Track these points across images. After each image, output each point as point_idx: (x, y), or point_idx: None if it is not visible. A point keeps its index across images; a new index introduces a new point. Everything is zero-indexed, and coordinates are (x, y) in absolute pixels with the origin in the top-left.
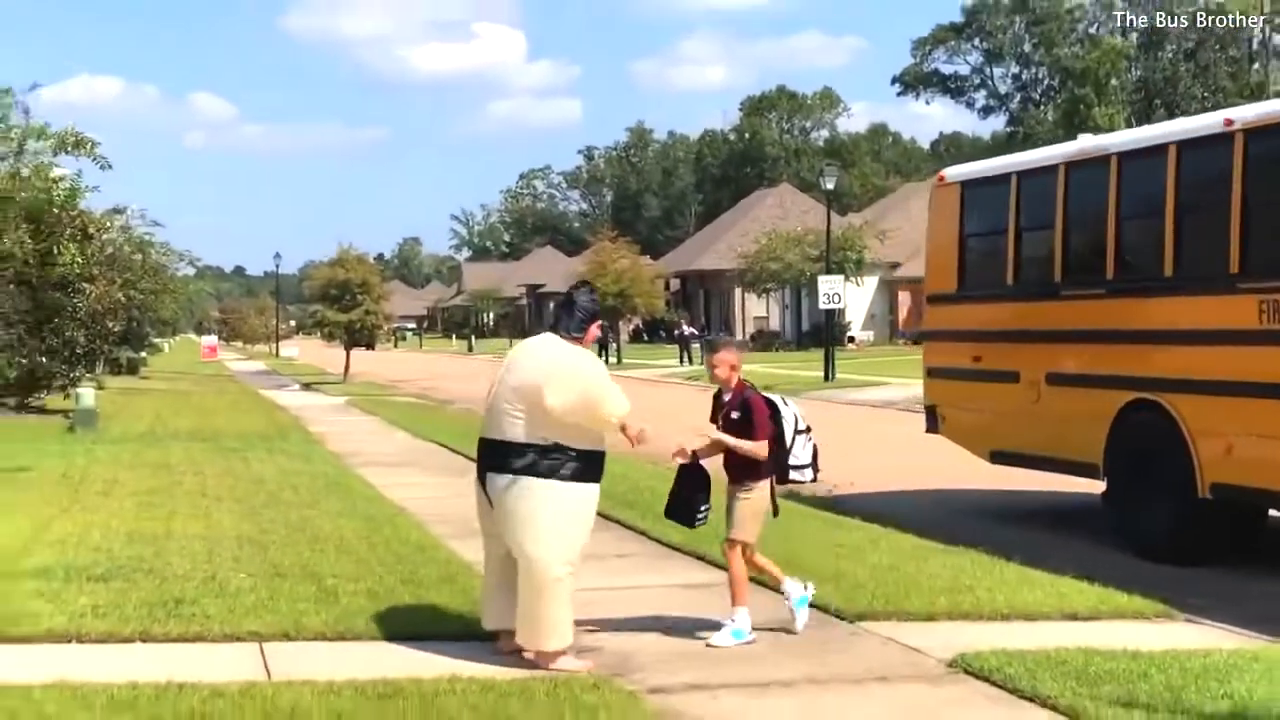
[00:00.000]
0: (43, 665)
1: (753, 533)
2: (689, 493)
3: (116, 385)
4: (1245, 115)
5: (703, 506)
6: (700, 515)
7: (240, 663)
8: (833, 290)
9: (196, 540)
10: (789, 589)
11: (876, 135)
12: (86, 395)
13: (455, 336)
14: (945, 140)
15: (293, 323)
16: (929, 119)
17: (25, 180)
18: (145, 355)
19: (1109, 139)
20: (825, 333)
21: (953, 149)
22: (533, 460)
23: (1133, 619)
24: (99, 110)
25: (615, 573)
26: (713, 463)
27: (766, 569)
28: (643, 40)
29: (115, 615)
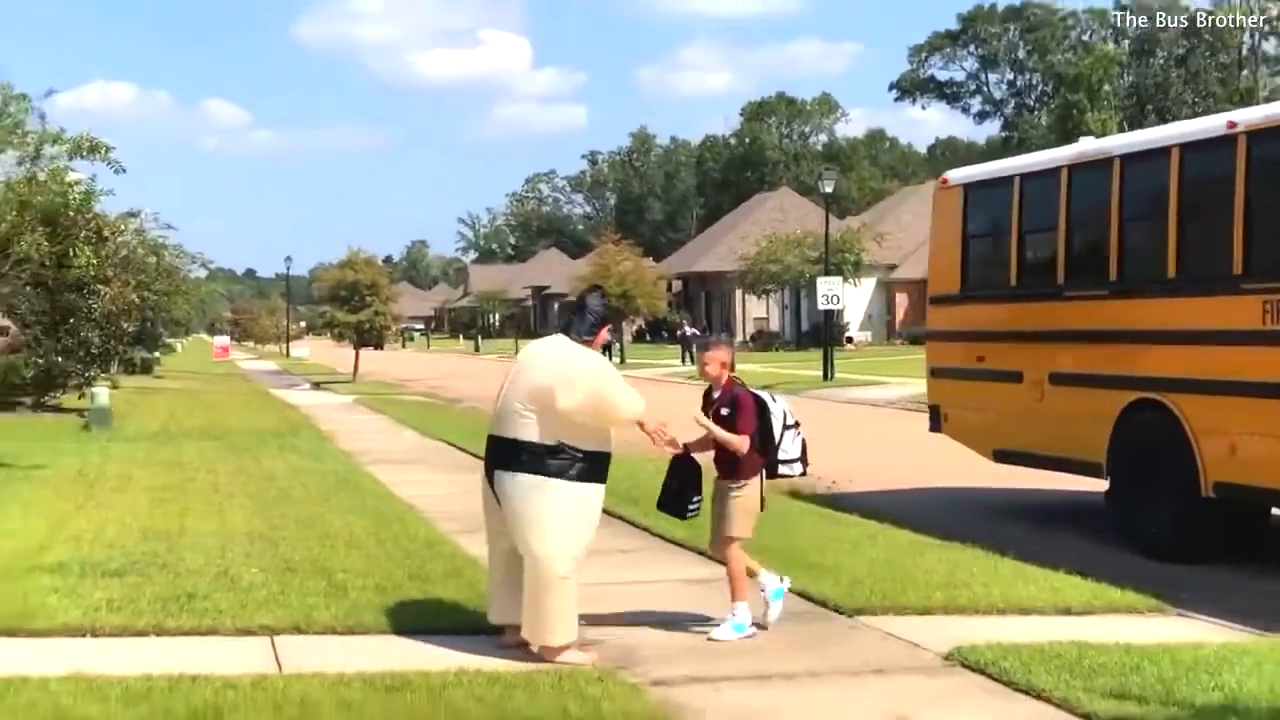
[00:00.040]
0: (59, 658)
1: (747, 528)
2: (680, 484)
3: (131, 384)
4: (1248, 118)
5: (694, 498)
6: (692, 507)
7: (252, 656)
8: (831, 291)
9: (209, 536)
10: (765, 580)
11: (874, 140)
12: (101, 394)
13: (462, 337)
14: (941, 145)
15: (303, 323)
16: (925, 124)
17: (42, 184)
18: (159, 355)
19: (1111, 142)
20: (824, 333)
21: (949, 154)
22: (541, 460)
23: (1125, 613)
24: (114, 116)
25: (618, 568)
26: (704, 456)
27: (745, 561)
28: (645, 47)
29: (130, 609)
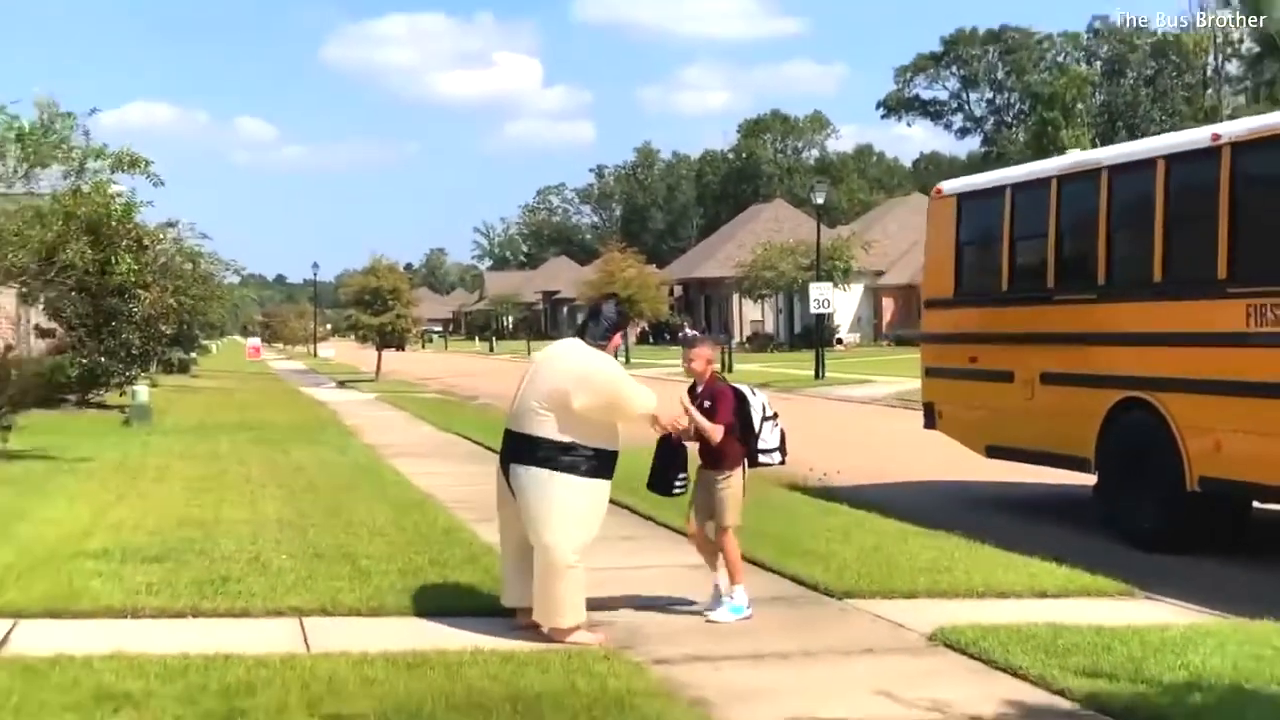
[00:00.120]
0: (102, 638)
1: (738, 516)
2: (664, 465)
3: (169, 383)
4: (1232, 130)
5: (679, 476)
6: (678, 485)
7: (282, 636)
8: (822, 296)
9: (242, 524)
10: (721, 583)
11: (862, 155)
12: (141, 392)
13: (477, 339)
14: (925, 159)
15: (329, 326)
16: (910, 140)
17: (85, 196)
18: (195, 356)
19: (1099, 153)
20: (816, 335)
21: (932, 168)
22: (555, 456)
23: (1097, 597)
24: (154, 133)
25: (623, 554)
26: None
27: (710, 553)
28: (649, 68)
29: (168, 593)
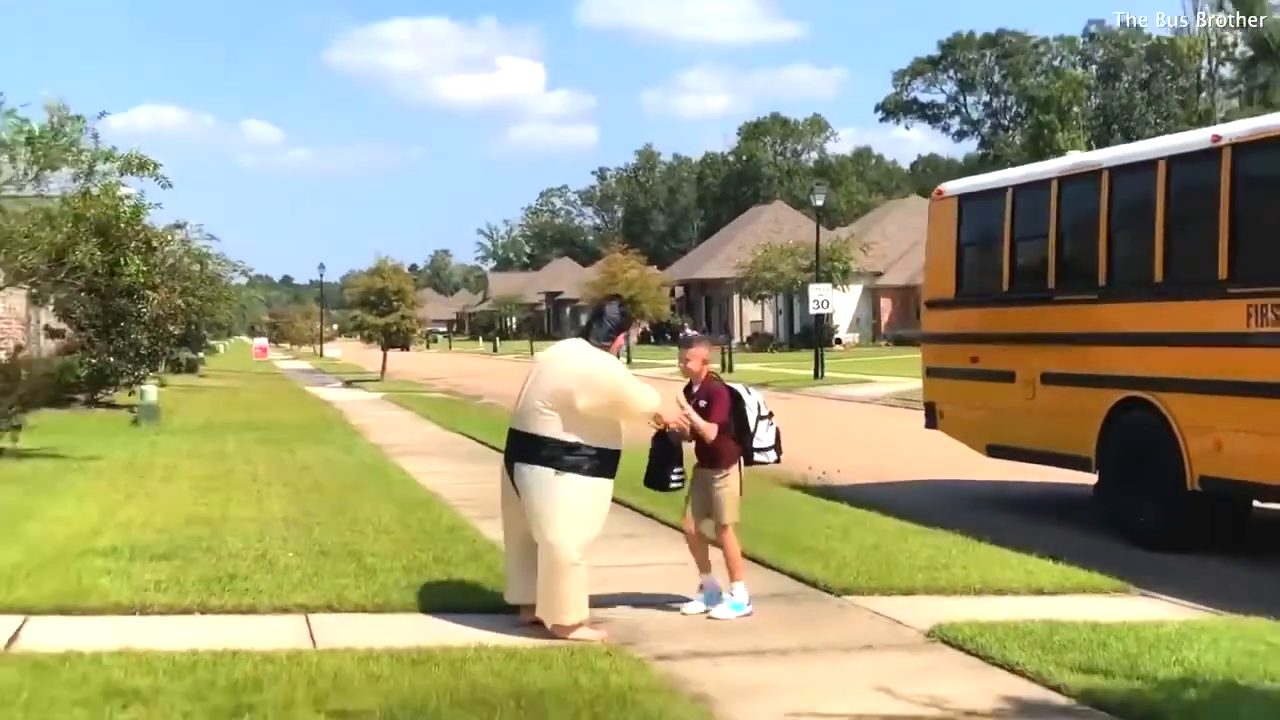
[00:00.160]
0: (110, 635)
1: (736, 513)
2: (660, 462)
3: (177, 383)
4: (1233, 131)
5: (676, 470)
6: (674, 480)
7: (288, 632)
8: (822, 297)
9: (248, 522)
10: (706, 582)
11: (861, 157)
12: (150, 392)
13: (481, 339)
14: (923, 162)
15: (335, 326)
16: (908, 142)
17: (95, 198)
18: (203, 355)
19: (1100, 155)
20: (815, 335)
21: (930, 170)
22: (559, 455)
23: (1093, 594)
24: (161, 135)
25: (625, 552)
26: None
27: (700, 553)
28: (650, 72)
29: (175, 590)
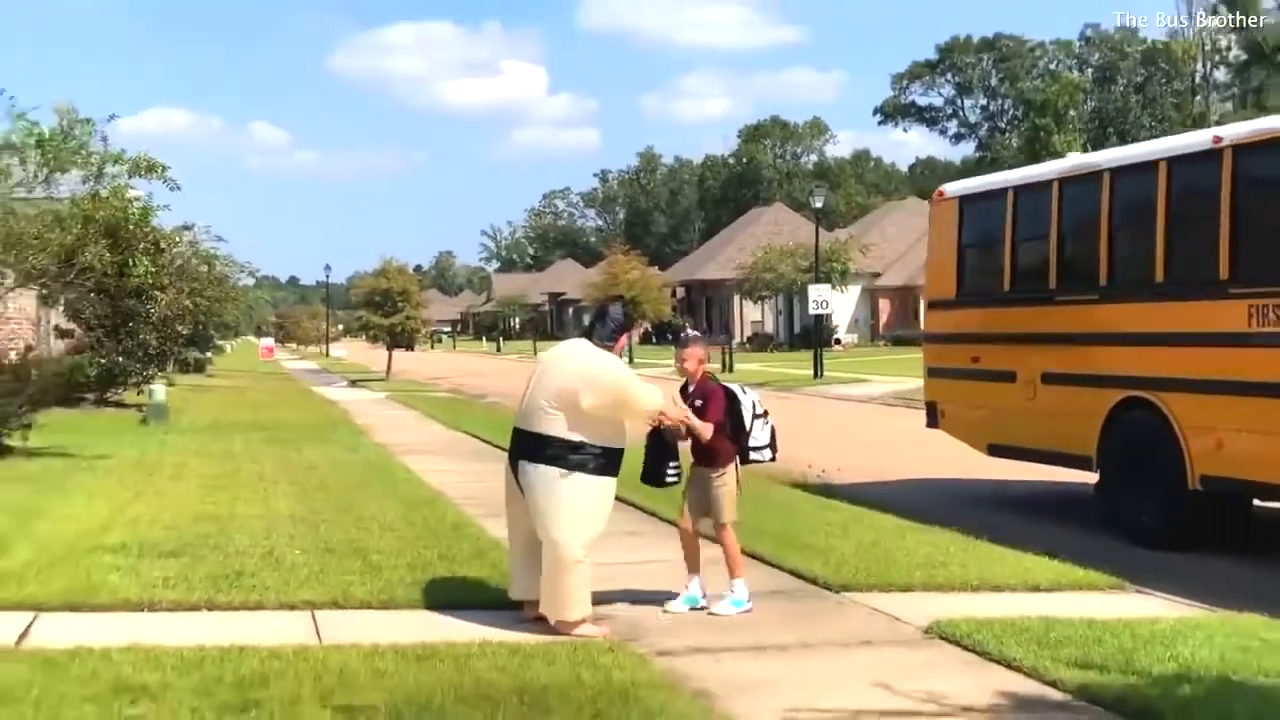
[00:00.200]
0: (119, 631)
1: (735, 511)
2: (656, 458)
3: (185, 382)
4: (1234, 133)
5: (671, 465)
6: (670, 473)
7: (294, 628)
8: (821, 298)
9: (255, 520)
10: (693, 585)
11: (860, 160)
12: (158, 391)
13: (485, 339)
14: (921, 164)
15: (341, 326)
16: (906, 145)
17: (104, 200)
18: (210, 355)
19: (1100, 156)
20: (814, 335)
21: (928, 172)
22: (564, 454)
23: (1089, 591)
24: (170, 138)
25: (628, 549)
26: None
27: (693, 553)
28: (651, 76)
29: (183, 586)
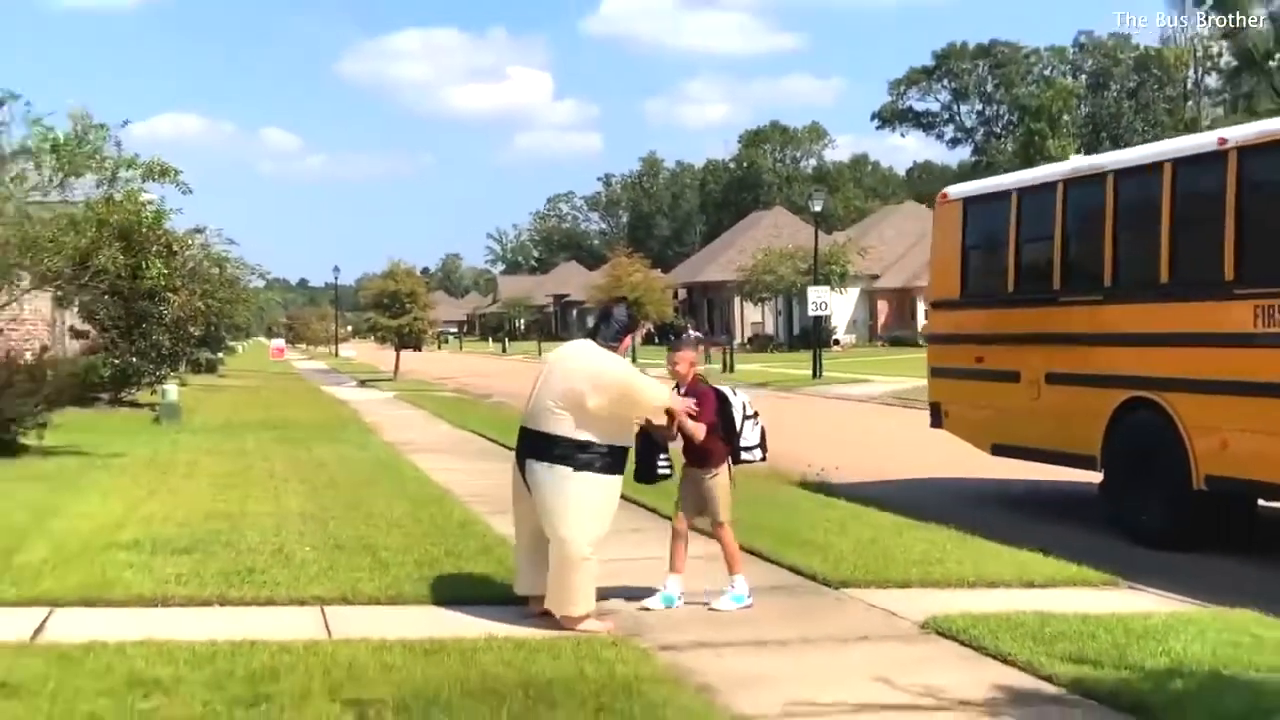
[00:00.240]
0: (133, 626)
1: (729, 510)
2: (645, 456)
3: (197, 382)
4: (1239, 135)
5: (661, 458)
6: (661, 466)
7: (304, 623)
8: (820, 299)
9: (266, 517)
10: (670, 584)
11: (858, 164)
12: (171, 391)
13: (491, 340)
14: (918, 169)
15: (350, 327)
16: (904, 150)
17: (118, 204)
18: (222, 356)
19: (1104, 158)
20: (813, 336)
21: (925, 176)
22: (570, 453)
23: (1083, 587)
24: (182, 143)
25: (630, 546)
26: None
27: (679, 553)
28: (654, 82)
29: (196, 582)
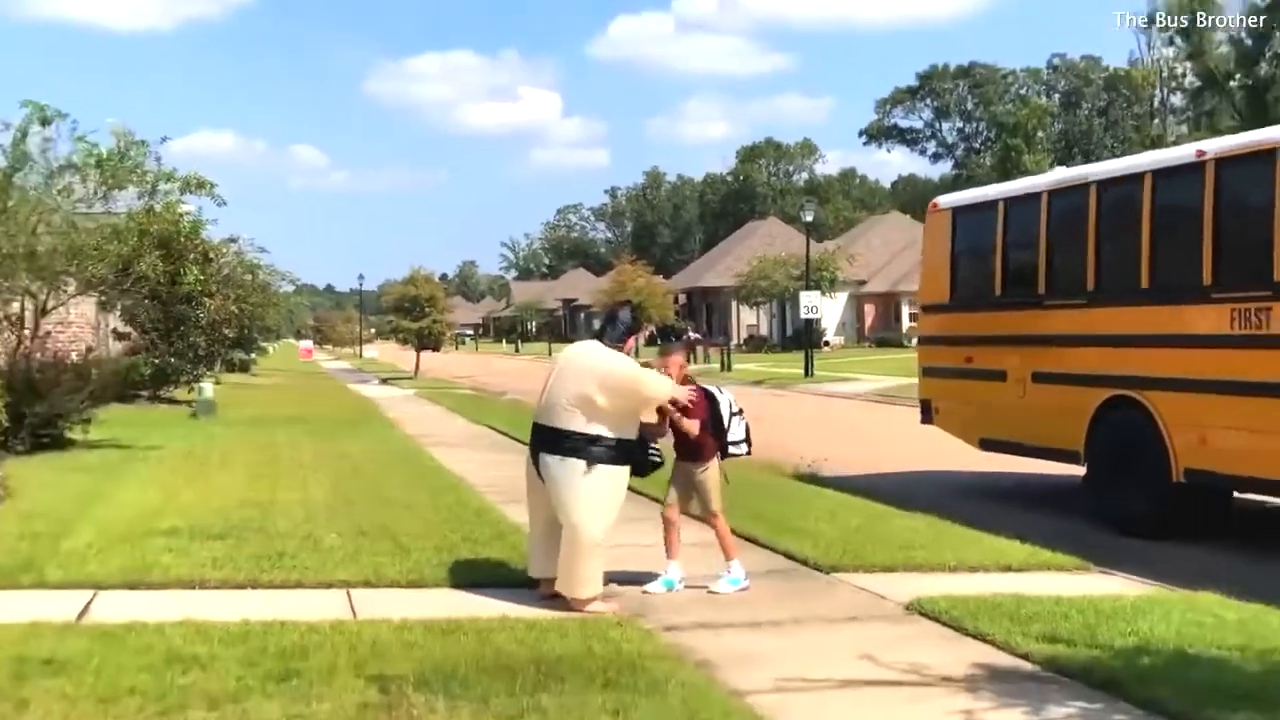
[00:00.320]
0: (171, 607)
1: (721, 500)
2: (639, 450)
3: (231, 381)
4: (1216, 147)
5: (651, 449)
6: (651, 455)
7: (331, 605)
8: (811, 303)
9: (295, 505)
10: (671, 571)
11: (847, 178)
12: (206, 388)
13: (505, 341)
14: (903, 182)
15: (373, 330)
16: (890, 164)
17: (157, 215)
18: (254, 356)
19: (1087, 169)
20: (805, 337)
21: (909, 189)
22: (581, 446)
23: (1057, 571)
24: (217, 158)
25: (634, 533)
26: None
27: (673, 541)
28: (656, 101)
29: (230, 566)
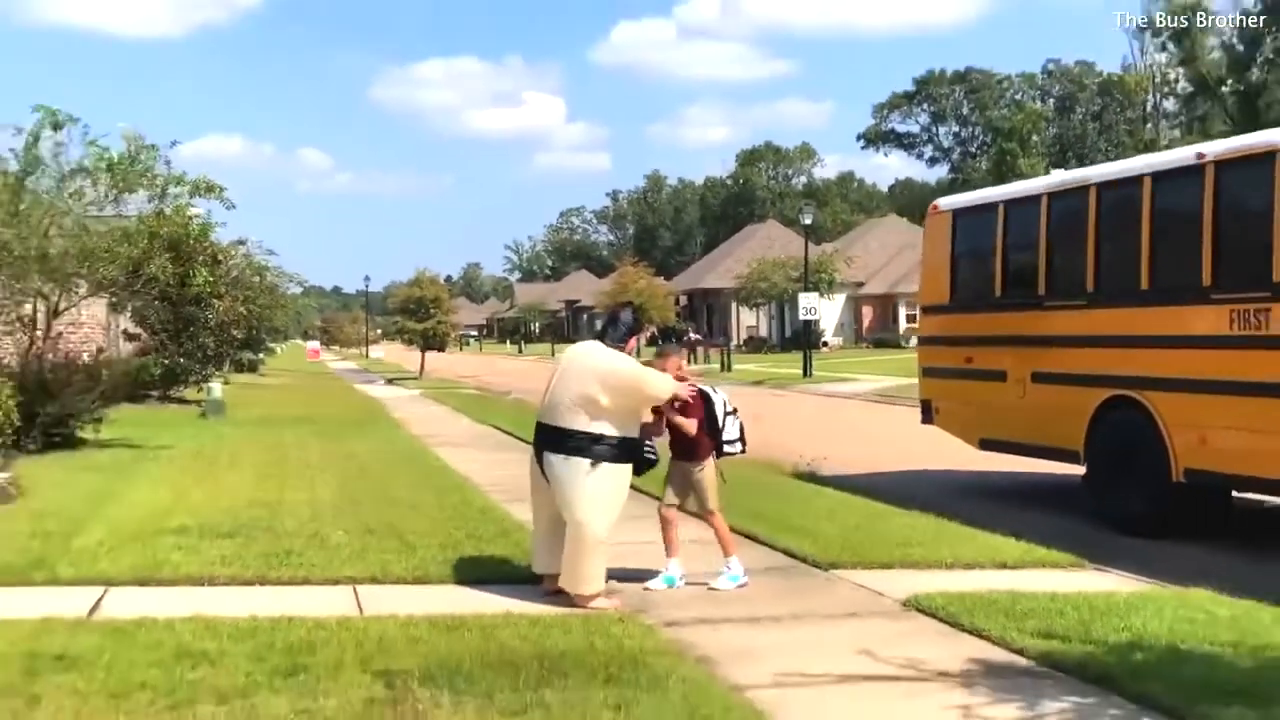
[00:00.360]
0: (181, 603)
1: (716, 498)
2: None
3: (240, 381)
4: (1215, 149)
5: (646, 446)
6: (646, 451)
7: (338, 601)
8: (810, 305)
9: (302, 504)
10: (671, 568)
11: (845, 181)
12: (215, 389)
13: (509, 342)
14: (900, 185)
15: (379, 330)
16: (887, 168)
17: (167, 218)
18: (262, 357)
19: (1087, 172)
20: (804, 338)
21: (906, 192)
22: (585, 445)
23: (1051, 568)
24: (226, 162)
25: (635, 531)
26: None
27: (672, 539)
28: (658, 106)
29: (238, 564)
